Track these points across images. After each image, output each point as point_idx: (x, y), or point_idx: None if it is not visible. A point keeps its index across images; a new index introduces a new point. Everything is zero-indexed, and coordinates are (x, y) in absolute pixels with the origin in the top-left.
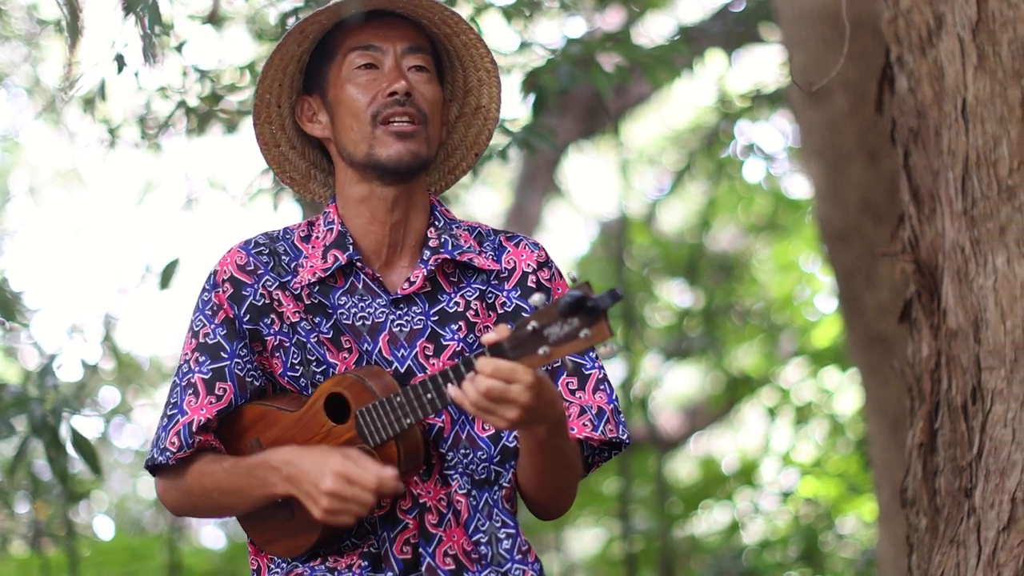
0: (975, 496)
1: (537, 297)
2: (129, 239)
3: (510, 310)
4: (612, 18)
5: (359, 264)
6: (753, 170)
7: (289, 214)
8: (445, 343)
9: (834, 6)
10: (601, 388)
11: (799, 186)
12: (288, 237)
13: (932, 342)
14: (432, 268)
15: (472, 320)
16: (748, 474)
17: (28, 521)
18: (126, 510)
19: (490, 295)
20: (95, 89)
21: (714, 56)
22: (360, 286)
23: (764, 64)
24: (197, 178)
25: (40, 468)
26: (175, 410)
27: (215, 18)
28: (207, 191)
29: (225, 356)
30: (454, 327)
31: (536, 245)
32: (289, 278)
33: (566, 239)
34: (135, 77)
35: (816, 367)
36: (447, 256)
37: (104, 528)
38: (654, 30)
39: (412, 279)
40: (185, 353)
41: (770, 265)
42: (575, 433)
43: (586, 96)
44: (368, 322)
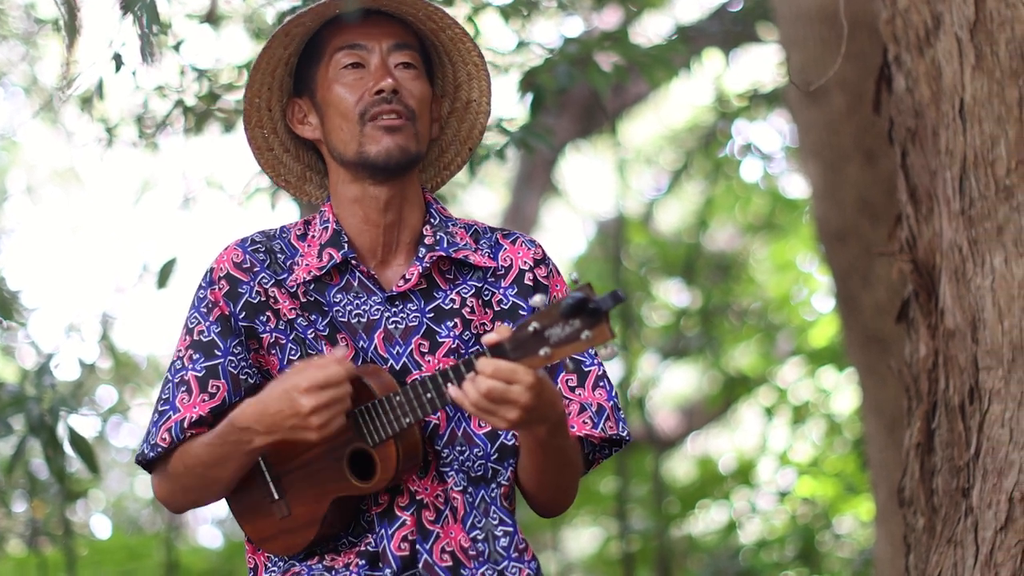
0: (972, 496)
1: (538, 298)
2: (126, 238)
3: (507, 307)
4: (610, 17)
5: (354, 262)
6: (750, 170)
7: (287, 213)
8: (441, 340)
9: (832, 6)
10: (601, 385)
11: (796, 186)
12: (284, 235)
13: (930, 342)
14: (427, 265)
15: (468, 317)
16: (745, 474)
17: (25, 520)
18: (123, 509)
19: (486, 292)
20: (93, 88)
21: (712, 55)
22: (355, 284)
23: (762, 64)
24: (194, 177)
25: (37, 467)
26: (167, 406)
27: (213, 17)
28: (204, 190)
29: (219, 354)
30: (450, 324)
31: (533, 242)
32: (285, 276)
33: (563, 239)
34: (133, 76)
35: (813, 367)
36: (443, 253)
37: (101, 527)
38: (652, 29)
39: (407, 276)
40: (179, 350)
41: (767, 265)
42: (575, 431)
43: (583, 95)
44: (363, 319)
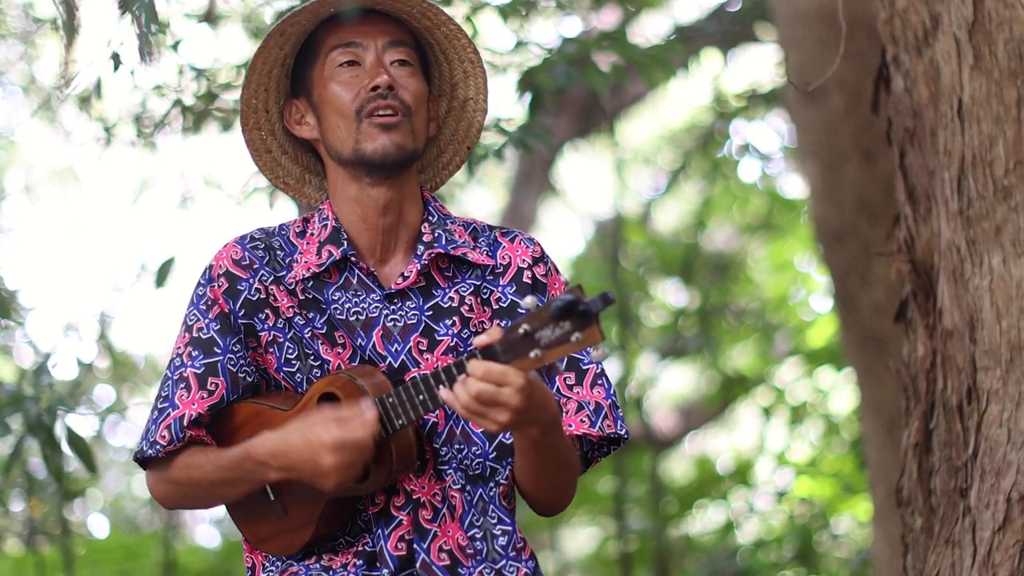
0: (970, 496)
1: (529, 299)
2: (125, 237)
3: (505, 305)
4: (608, 17)
5: (353, 259)
6: (748, 170)
7: (285, 212)
8: (439, 338)
9: (830, 6)
10: (599, 383)
11: (794, 186)
12: (284, 233)
13: (928, 342)
14: (426, 263)
15: (466, 315)
16: (743, 474)
17: (23, 519)
18: (121, 508)
19: (485, 290)
20: (91, 87)
21: (710, 55)
22: (354, 281)
23: (760, 64)
24: (193, 176)
25: (35, 466)
26: (166, 403)
27: (211, 16)
28: (203, 189)
29: (218, 351)
30: (448, 322)
31: (531, 240)
32: (284, 273)
33: (562, 238)
34: (131, 75)
35: (811, 367)
36: (441, 250)
37: (99, 526)
38: (650, 29)
39: (406, 274)
40: (178, 347)
41: (765, 265)
42: (573, 430)
43: (582, 95)
44: (362, 317)
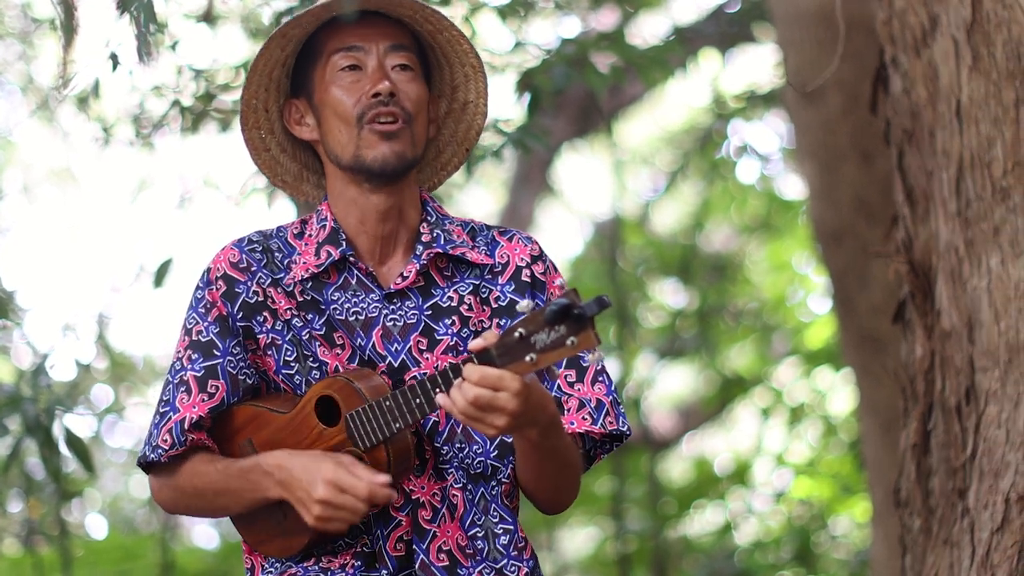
0: (969, 497)
1: (525, 302)
2: (123, 238)
3: (504, 304)
4: (606, 18)
5: (352, 259)
6: (747, 170)
7: (283, 213)
8: (439, 337)
9: (829, 7)
10: (600, 380)
11: (793, 186)
12: (282, 234)
13: (926, 343)
14: (425, 262)
15: (466, 314)
16: (741, 474)
17: (21, 520)
18: (119, 509)
19: (484, 289)
20: (89, 87)
21: (708, 56)
22: (353, 282)
23: (758, 64)
24: (191, 177)
25: (33, 467)
26: (167, 407)
27: (209, 17)
28: (201, 190)
29: (218, 354)
30: (447, 321)
31: (529, 239)
32: (282, 275)
33: (560, 239)
34: (129, 76)
35: (809, 367)
36: (440, 250)
37: (97, 527)
38: (648, 30)
39: (405, 274)
40: (178, 351)
41: (763, 265)
42: (574, 427)
43: (580, 96)
44: (361, 317)
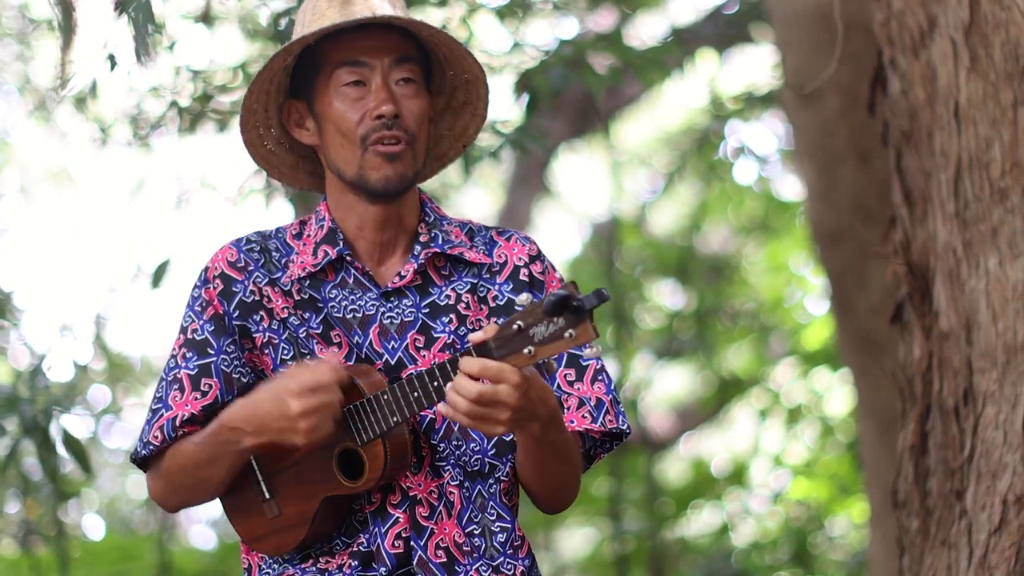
0: (966, 498)
1: (523, 296)
2: (120, 238)
3: (502, 304)
4: (604, 19)
5: (349, 258)
6: (744, 171)
7: (281, 213)
8: (436, 335)
9: (827, 8)
10: (599, 379)
11: (790, 187)
12: (280, 235)
13: (924, 344)
14: (423, 262)
15: (463, 313)
16: (738, 475)
17: (18, 520)
18: (116, 510)
19: (481, 288)
20: (87, 88)
21: (706, 57)
22: (351, 280)
23: (756, 65)
24: (188, 178)
25: (31, 467)
26: (160, 404)
27: (207, 17)
28: (198, 190)
29: (212, 352)
30: (445, 320)
31: (527, 239)
32: (279, 275)
33: (558, 240)
34: (127, 76)
35: (807, 368)
36: (438, 250)
37: (94, 528)
38: (646, 31)
39: (403, 273)
40: (173, 349)
41: (761, 266)
42: (574, 426)
43: (577, 97)
44: (359, 315)
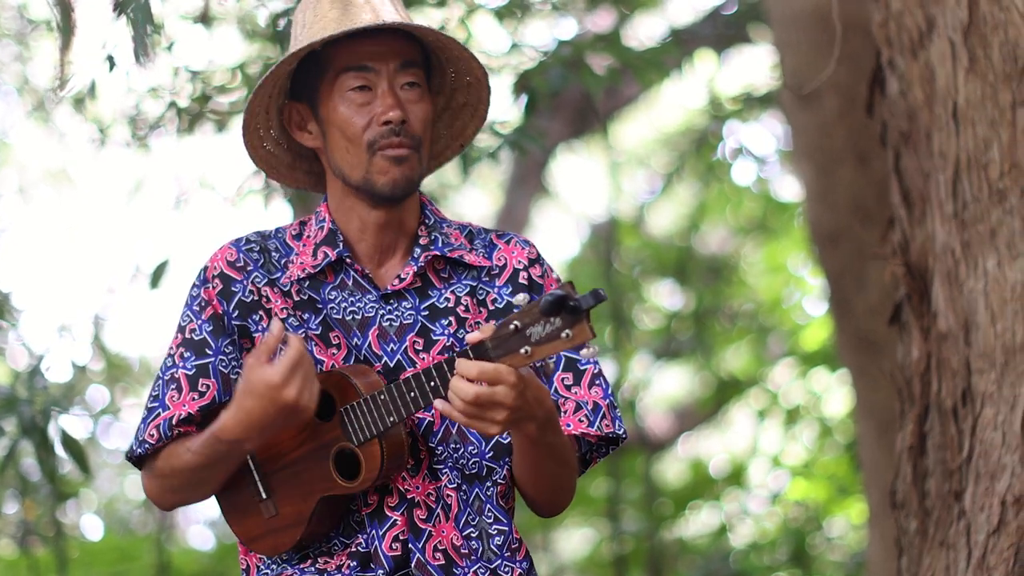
0: (965, 499)
1: (520, 296)
2: (119, 239)
3: (501, 306)
4: (602, 20)
5: (349, 260)
6: (743, 172)
7: (280, 214)
8: (435, 338)
9: (825, 8)
10: (596, 383)
11: (788, 188)
12: (280, 235)
13: (922, 345)
14: (422, 265)
15: (462, 316)
16: (737, 476)
17: (17, 521)
18: (114, 510)
19: (481, 291)
20: (86, 89)
21: (704, 58)
22: (350, 282)
23: (754, 66)
24: (187, 178)
25: (29, 468)
26: (156, 403)
27: (206, 18)
28: (197, 191)
29: (210, 352)
30: (444, 322)
31: (527, 242)
32: (279, 275)
33: (556, 240)
34: (126, 77)
35: (805, 369)
36: (437, 253)
37: (93, 528)
38: (644, 32)
39: (402, 275)
40: (171, 348)
41: (759, 267)
42: (571, 430)
43: (576, 97)
44: (358, 316)
